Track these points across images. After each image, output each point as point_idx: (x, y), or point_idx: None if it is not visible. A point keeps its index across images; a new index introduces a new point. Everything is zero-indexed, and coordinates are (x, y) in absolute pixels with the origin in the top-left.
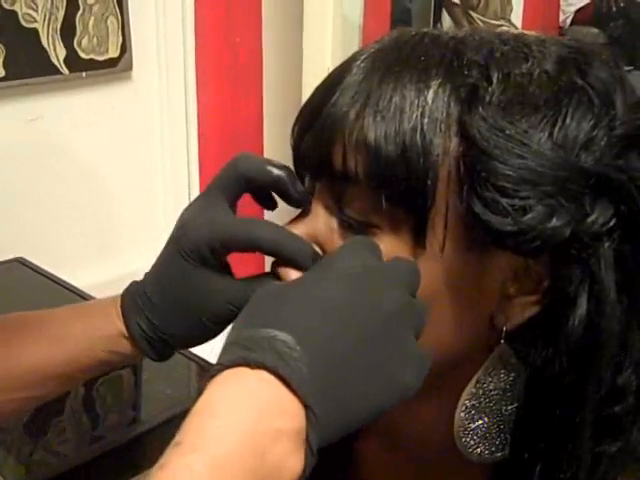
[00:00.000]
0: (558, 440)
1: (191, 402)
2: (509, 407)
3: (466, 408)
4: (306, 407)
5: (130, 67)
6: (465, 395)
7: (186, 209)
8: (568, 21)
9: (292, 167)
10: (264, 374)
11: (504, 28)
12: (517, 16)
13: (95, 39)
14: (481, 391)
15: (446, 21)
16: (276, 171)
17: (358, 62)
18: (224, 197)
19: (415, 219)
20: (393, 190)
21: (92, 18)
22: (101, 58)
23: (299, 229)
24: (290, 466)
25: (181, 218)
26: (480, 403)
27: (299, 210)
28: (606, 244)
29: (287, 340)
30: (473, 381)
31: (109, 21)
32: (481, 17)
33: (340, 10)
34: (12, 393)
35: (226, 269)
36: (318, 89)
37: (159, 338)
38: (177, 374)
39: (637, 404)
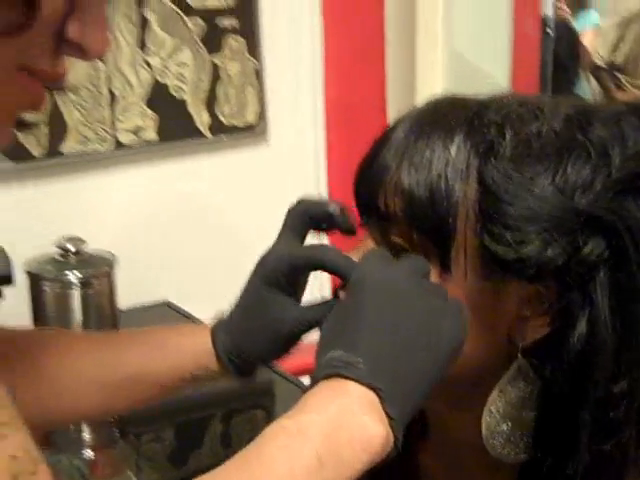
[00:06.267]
0: (564, 441)
1: None
2: (529, 414)
3: (491, 413)
4: (367, 385)
5: (266, 132)
6: (490, 402)
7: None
8: None
9: None
10: (340, 380)
11: None
12: None
13: (235, 107)
14: (504, 399)
15: (592, 84)
16: (331, 207)
17: (403, 123)
18: (293, 234)
19: (440, 250)
20: (423, 226)
21: (233, 88)
22: (240, 124)
23: (354, 257)
24: (371, 429)
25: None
26: (504, 409)
27: None
28: (602, 273)
29: (354, 358)
30: (496, 390)
31: (248, 91)
32: (630, 80)
33: (450, 46)
34: (119, 391)
35: (296, 294)
36: (373, 143)
37: (238, 353)
38: None
39: (628, 411)
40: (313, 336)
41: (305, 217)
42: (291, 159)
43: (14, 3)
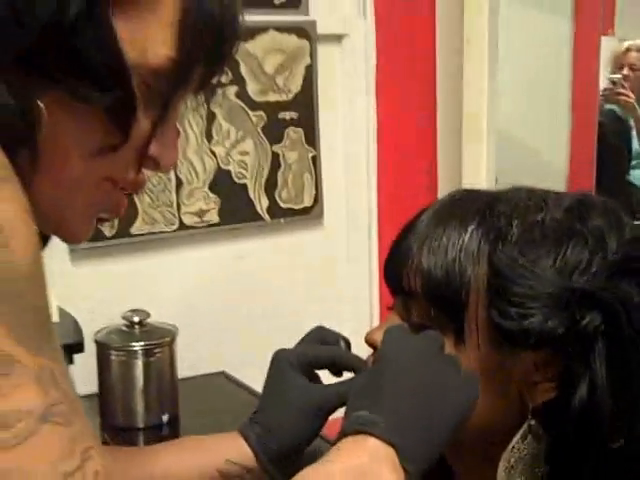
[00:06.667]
0: None
1: None
2: (541, 469)
3: (506, 468)
4: (386, 441)
5: (321, 215)
6: (504, 458)
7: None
8: None
9: None
10: (363, 436)
11: None
12: None
13: (293, 191)
14: (517, 455)
15: None
16: (341, 342)
17: (426, 213)
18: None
19: (455, 324)
20: (439, 302)
21: (291, 175)
22: (297, 207)
23: (381, 331)
24: (387, 475)
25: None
26: (517, 465)
27: None
28: (600, 344)
29: (375, 418)
30: (510, 447)
31: (305, 177)
32: None
33: (495, 124)
34: None
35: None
36: (401, 230)
37: (272, 439)
38: None
39: (627, 466)
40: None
41: (319, 339)
42: (345, 241)
43: (110, 130)
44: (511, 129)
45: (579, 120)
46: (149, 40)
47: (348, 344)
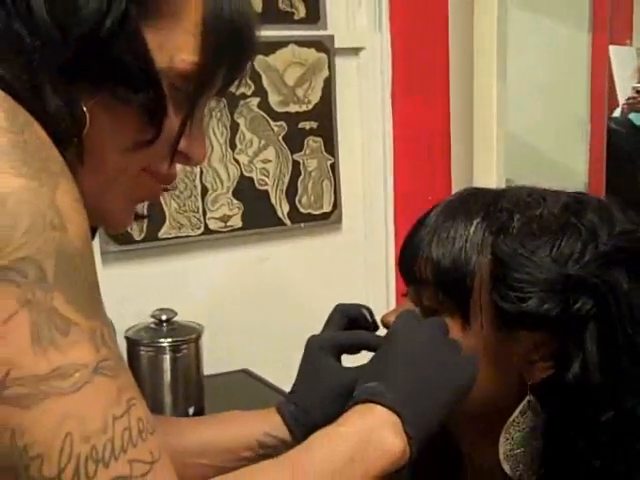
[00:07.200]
0: (565, 462)
1: None
2: (539, 442)
3: (506, 440)
4: (391, 409)
5: (340, 220)
6: (504, 431)
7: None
8: None
9: None
10: (371, 404)
11: None
12: None
13: (312, 197)
14: (517, 428)
15: None
16: (363, 309)
17: (436, 209)
18: (336, 327)
19: (461, 307)
20: (447, 288)
21: (311, 181)
22: (317, 212)
23: (395, 313)
24: (390, 441)
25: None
26: (517, 437)
27: None
28: (591, 325)
29: (383, 389)
30: (510, 420)
31: (324, 184)
32: None
33: (505, 127)
34: (191, 458)
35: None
36: (414, 224)
37: (305, 415)
38: None
39: (615, 436)
40: None
41: (344, 315)
42: (362, 245)
43: (144, 127)
44: (529, 137)
45: (597, 129)
46: (176, 48)
47: (370, 312)
